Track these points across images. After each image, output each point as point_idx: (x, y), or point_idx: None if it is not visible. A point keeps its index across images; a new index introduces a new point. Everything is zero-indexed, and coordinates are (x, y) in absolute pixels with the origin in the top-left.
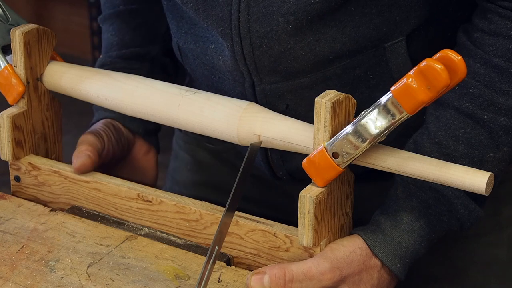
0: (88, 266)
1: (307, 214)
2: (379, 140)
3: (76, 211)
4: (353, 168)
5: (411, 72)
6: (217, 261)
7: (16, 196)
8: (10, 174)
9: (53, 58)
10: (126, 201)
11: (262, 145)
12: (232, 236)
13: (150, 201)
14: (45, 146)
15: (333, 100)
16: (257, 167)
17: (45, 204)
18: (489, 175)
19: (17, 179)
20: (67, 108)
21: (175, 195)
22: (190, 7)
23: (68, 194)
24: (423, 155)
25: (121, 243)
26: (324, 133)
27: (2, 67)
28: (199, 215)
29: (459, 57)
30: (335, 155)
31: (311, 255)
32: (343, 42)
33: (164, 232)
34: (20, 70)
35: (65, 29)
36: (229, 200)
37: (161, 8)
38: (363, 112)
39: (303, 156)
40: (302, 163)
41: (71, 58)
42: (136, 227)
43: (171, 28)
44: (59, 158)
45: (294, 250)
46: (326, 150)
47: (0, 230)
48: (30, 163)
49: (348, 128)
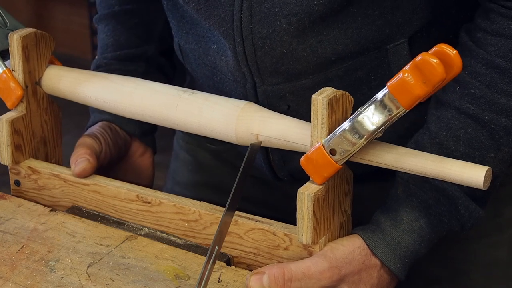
0: (88, 266)
1: (305, 211)
2: (377, 136)
3: (76, 211)
4: (353, 168)
5: (407, 67)
6: (217, 261)
7: None
8: (10, 179)
9: (51, 62)
10: (125, 203)
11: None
12: (231, 235)
13: (149, 203)
14: (44, 150)
15: (330, 97)
16: (258, 169)
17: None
18: (486, 169)
19: (17, 183)
20: (67, 108)
21: (174, 196)
22: (192, 7)
23: (68, 197)
24: (421, 151)
25: (121, 243)
26: (321, 130)
27: (1, 71)
28: (198, 215)
29: (455, 51)
30: (332, 152)
31: (310, 253)
32: (345, 43)
33: (164, 232)
34: (19, 74)
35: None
36: (229, 200)
37: (157, 8)
38: (359, 108)
39: None
40: (300, 161)
41: (71, 58)
42: (136, 227)
43: (172, 28)
44: (59, 162)
45: (294, 249)
46: (324, 147)
47: (0, 230)
48: (29, 167)
49: (345, 125)
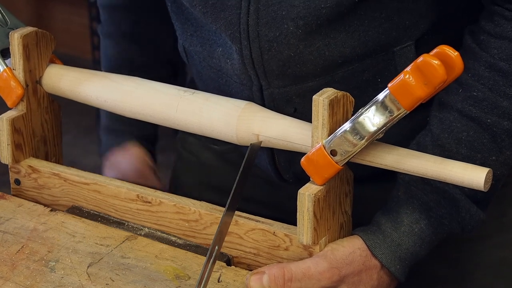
0: (88, 266)
1: (306, 212)
2: (377, 138)
3: (76, 211)
4: (354, 169)
5: (408, 68)
6: (217, 261)
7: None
8: (10, 177)
9: (52, 61)
10: (126, 202)
11: (261, 145)
12: (231, 235)
13: (149, 202)
14: (44, 149)
15: (330, 98)
16: (264, 170)
17: (45, 206)
18: (487, 170)
19: (17, 182)
20: (67, 108)
21: (175, 195)
22: (198, 10)
23: (68, 196)
24: (422, 152)
25: (121, 243)
26: (322, 131)
27: (1, 70)
28: (198, 215)
29: (456, 53)
30: (333, 152)
31: (310, 254)
32: (352, 46)
33: (164, 232)
34: (19, 73)
35: (65, 29)
36: (229, 200)
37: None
38: (360, 109)
39: None
40: (301, 161)
41: (71, 58)
42: (136, 227)
43: (176, 30)
44: (59, 161)
45: (294, 249)
46: (324, 148)
47: (0, 230)
48: (30, 166)
49: (346, 126)
